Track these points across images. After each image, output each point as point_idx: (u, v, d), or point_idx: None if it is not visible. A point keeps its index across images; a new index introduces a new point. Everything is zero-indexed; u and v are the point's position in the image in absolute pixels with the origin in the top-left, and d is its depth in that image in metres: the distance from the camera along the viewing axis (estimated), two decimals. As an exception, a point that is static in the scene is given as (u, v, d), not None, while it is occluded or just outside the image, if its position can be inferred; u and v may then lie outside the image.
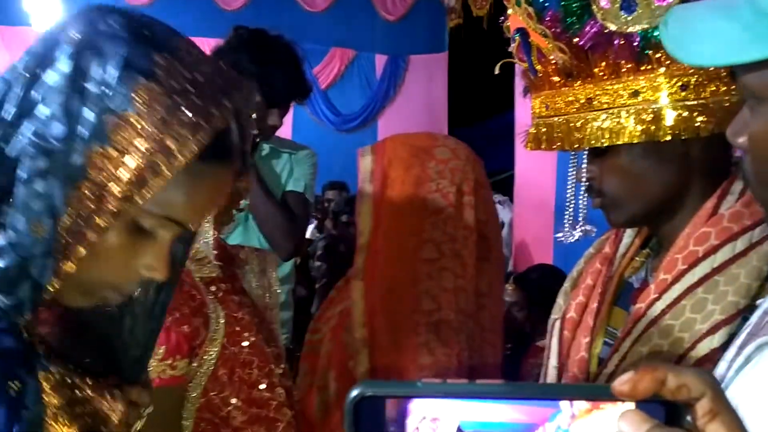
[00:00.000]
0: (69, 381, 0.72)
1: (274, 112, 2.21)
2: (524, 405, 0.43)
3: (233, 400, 1.06)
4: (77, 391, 0.72)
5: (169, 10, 6.27)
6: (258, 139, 2.09)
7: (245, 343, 1.08)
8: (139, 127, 0.64)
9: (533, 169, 5.10)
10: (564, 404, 0.43)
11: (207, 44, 2.45)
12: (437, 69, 7.32)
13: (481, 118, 7.82)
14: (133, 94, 0.64)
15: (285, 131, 6.35)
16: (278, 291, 1.36)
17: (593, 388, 0.45)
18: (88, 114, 0.64)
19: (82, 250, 0.66)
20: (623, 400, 0.42)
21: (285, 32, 2.51)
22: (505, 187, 5.96)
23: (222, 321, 1.06)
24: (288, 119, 7.37)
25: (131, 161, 0.64)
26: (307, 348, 1.63)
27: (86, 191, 0.64)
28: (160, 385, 1.01)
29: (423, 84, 7.24)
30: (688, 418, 0.43)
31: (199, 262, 1.07)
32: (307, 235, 4.01)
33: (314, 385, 1.51)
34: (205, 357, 1.05)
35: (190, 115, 0.65)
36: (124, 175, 0.64)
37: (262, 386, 1.08)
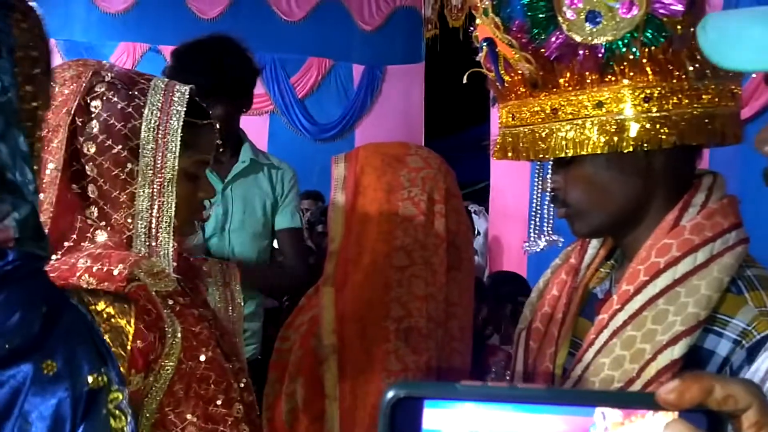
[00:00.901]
0: (88, 299, 0.81)
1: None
2: (563, 416, 0.42)
3: (189, 416, 1.03)
4: (96, 309, 0.82)
5: (147, 18, 6.24)
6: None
7: (202, 358, 1.06)
8: (34, 54, 0.71)
9: (508, 179, 5.13)
10: (598, 417, 0.42)
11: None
12: (414, 79, 7.35)
13: (457, 129, 7.86)
14: (13, 29, 0.70)
15: (261, 141, 6.35)
16: (242, 303, 1.34)
17: (636, 395, 0.45)
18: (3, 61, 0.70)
19: None
20: (667, 409, 0.41)
21: (262, 42, 2.53)
22: (481, 197, 5.98)
23: (179, 335, 1.03)
24: (264, 128, 7.35)
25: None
26: (275, 356, 1.61)
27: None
28: (116, 400, 0.99)
29: (400, 94, 7.26)
30: (729, 427, 0.42)
31: (156, 276, 1.05)
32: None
33: (282, 392, 1.50)
34: (161, 372, 1.02)
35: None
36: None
37: (219, 402, 1.06)
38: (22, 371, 0.65)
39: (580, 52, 1.03)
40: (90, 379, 0.70)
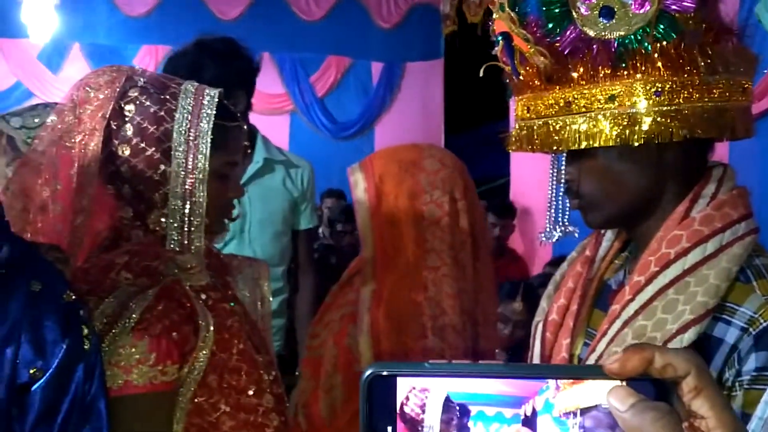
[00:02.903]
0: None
1: None
2: (517, 381, 0.45)
3: (222, 406, 1.07)
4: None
5: (167, 20, 6.32)
6: None
7: (234, 350, 1.10)
8: None
9: (528, 174, 5.13)
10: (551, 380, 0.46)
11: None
12: (433, 76, 7.36)
13: (477, 124, 7.85)
14: None
15: (282, 139, 6.40)
16: (270, 299, 1.39)
17: (587, 368, 0.49)
18: None
19: None
20: (614, 379, 0.45)
21: (281, 41, 2.55)
22: (501, 193, 5.98)
23: (211, 328, 1.08)
24: (285, 128, 7.38)
25: None
26: (307, 353, 1.69)
27: None
28: (152, 391, 1.04)
29: (419, 91, 7.27)
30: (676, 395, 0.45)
31: (188, 271, 1.10)
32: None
33: (319, 388, 1.58)
34: (195, 363, 1.06)
35: None
36: None
37: (251, 392, 1.10)
38: (22, 288, 0.86)
39: (594, 46, 1.06)
40: (64, 295, 0.90)
